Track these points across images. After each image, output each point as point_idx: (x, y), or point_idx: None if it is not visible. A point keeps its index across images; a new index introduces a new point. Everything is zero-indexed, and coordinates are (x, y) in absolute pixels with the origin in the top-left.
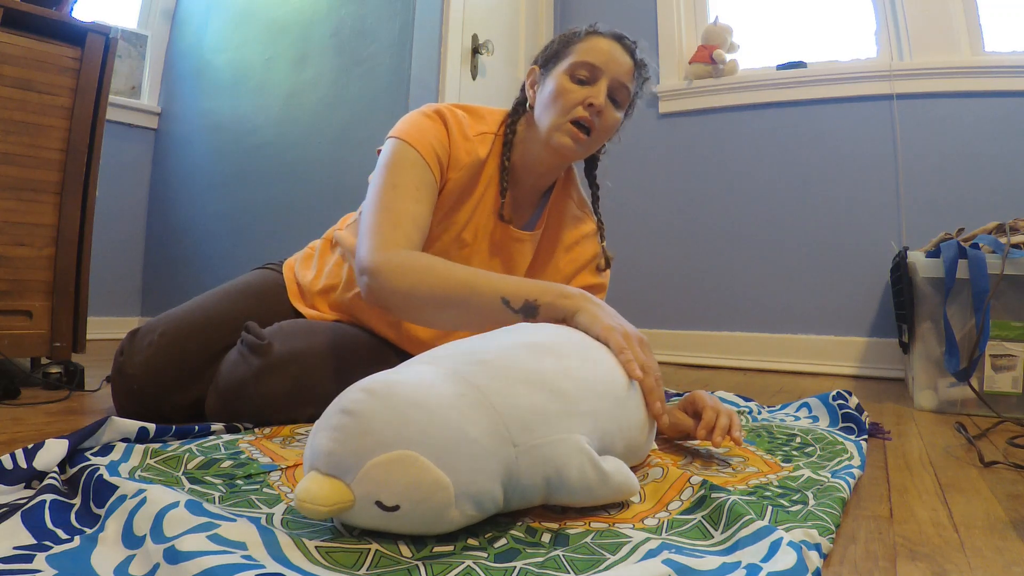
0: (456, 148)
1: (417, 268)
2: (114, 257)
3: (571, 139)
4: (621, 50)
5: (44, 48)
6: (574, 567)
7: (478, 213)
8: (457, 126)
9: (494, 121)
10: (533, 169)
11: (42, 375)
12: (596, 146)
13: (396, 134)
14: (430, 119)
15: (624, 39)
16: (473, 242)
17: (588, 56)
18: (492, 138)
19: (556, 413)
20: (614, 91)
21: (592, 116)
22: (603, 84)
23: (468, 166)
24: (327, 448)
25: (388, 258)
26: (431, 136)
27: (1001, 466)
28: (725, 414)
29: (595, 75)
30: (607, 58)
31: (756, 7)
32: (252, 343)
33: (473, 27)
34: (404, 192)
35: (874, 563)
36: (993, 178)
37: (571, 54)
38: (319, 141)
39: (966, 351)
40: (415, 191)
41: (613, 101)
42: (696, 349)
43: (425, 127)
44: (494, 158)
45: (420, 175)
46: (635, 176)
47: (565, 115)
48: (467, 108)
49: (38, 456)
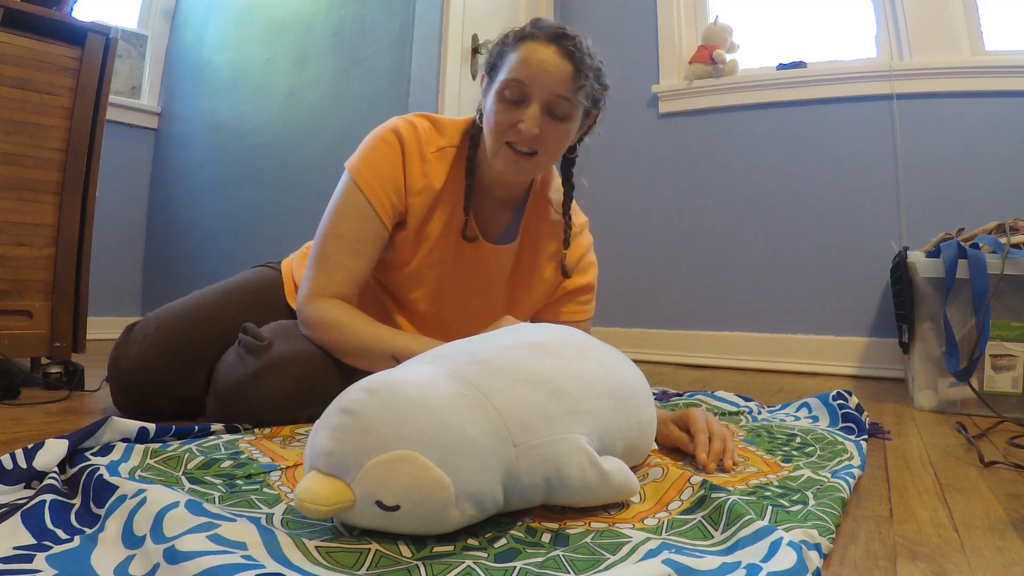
0: (412, 174)
1: (327, 323)
2: (114, 257)
3: (511, 163)
4: (556, 56)
5: (44, 48)
6: (574, 567)
7: (447, 231)
8: (415, 146)
9: (456, 131)
10: (498, 182)
11: (42, 375)
12: (549, 161)
13: (352, 170)
14: (388, 145)
15: (561, 39)
16: (444, 260)
17: (517, 72)
18: (453, 152)
19: (556, 413)
20: (551, 106)
21: (524, 142)
22: (534, 105)
23: (424, 190)
24: (327, 448)
25: (311, 311)
26: (384, 174)
27: (1001, 466)
28: (719, 438)
29: (524, 94)
30: (535, 73)
31: (756, 7)
32: (250, 344)
33: (473, 27)
34: (345, 244)
35: (874, 563)
36: (993, 178)
37: (503, 67)
38: (319, 141)
39: (966, 351)
40: (356, 243)
41: (553, 116)
42: (696, 349)
43: (380, 160)
44: (456, 174)
45: (364, 226)
46: (635, 176)
47: (499, 140)
48: (432, 119)
49: (38, 456)
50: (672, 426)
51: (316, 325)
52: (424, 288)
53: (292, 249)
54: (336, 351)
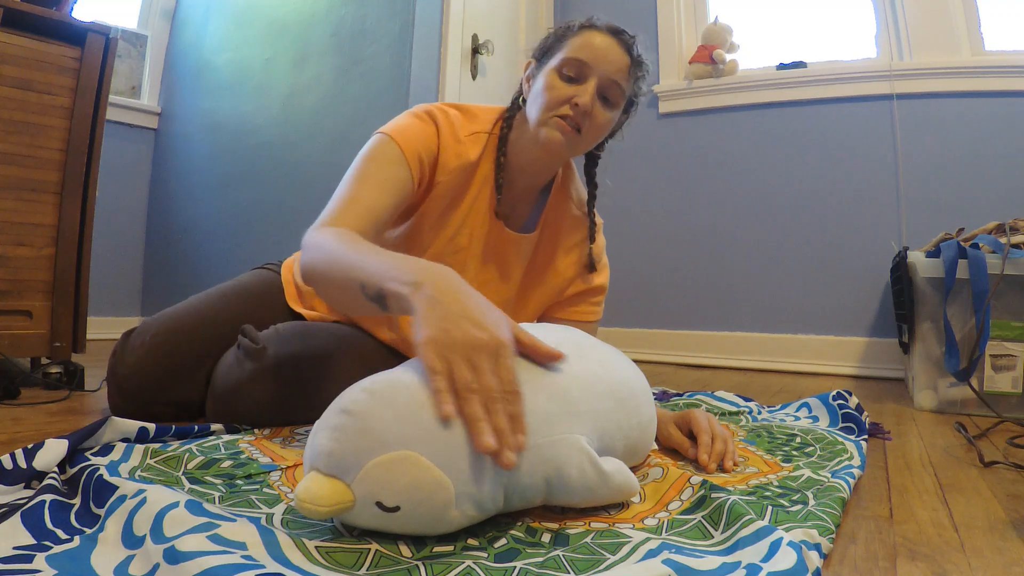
0: (445, 151)
1: (316, 244)
2: (114, 257)
3: (559, 132)
4: (616, 46)
5: (44, 48)
6: (574, 567)
7: (472, 216)
8: (448, 128)
9: (487, 120)
10: (527, 167)
11: (42, 375)
12: (588, 145)
13: (382, 130)
14: (420, 120)
15: (621, 34)
16: (468, 246)
17: (578, 52)
18: (486, 137)
19: (556, 413)
20: (604, 89)
21: (578, 116)
22: (592, 83)
23: (458, 169)
24: (327, 448)
25: (309, 237)
26: (418, 137)
27: (1001, 466)
28: (721, 439)
29: (583, 73)
30: (598, 55)
31: (756, 7)
32: (247, 347)
33: (473, 27)
34: (370, 182)
35: (874, 563)
36: (993, 178)
37: (563, 49)
38: (319, 141)
39: (966, 351)
40: (382, 182)
41: (604, 99)
42: (696, 349)
43: (413, 128)
44: (487, 158)
45: (394, 171)
46: (635, 176)
47: (550, 112)
48: (460, 107)
49: (38, 456)
50: (673, 428)
51: (314, 246)
52: None
53: (293, 249)
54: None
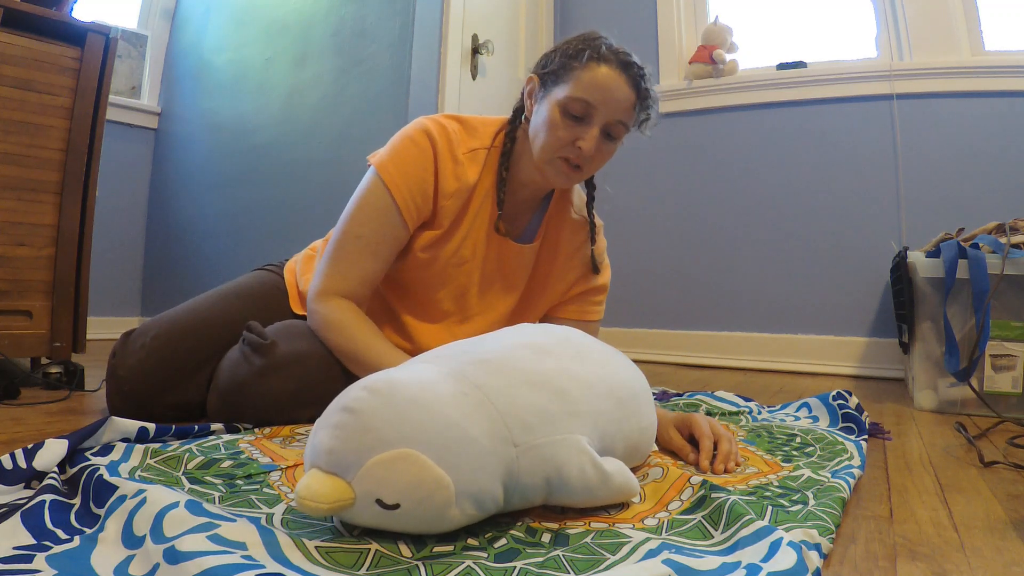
0: (444, 176)
1: (332, 323)
2: (114, 257)
3: (561, 175)
4: (624, 83)
5: (44, 48)
6: (574, 567)
7: (475, 228)
8: (446, 148)
9: (487, 133)
10: (530, 183)
11: (42, 375)
12: (588, 175)
13: (379, 167)
14: (417, 146)
15: (631, 67)
16: (471, 258)
17: (585, 92)
18: (485, 153)
19: (557, 413)
20: (609, 127)
21: (580, 158)
22: (596, 127)
23: (457, 191)
24: (328, 446)
25: (319, 308)
26: (412, 173)
27: (1001, 466)
28: (726, 439)
29: (589, 114)
30: (605, 96)
31: (756, 7)
32: (255, 343)
33: (473, 27)
34: (364, 245)
35: (874, 563)
36: (993, 178)
37: (569, 81)
38: (319, 141)
39: (966, 351)
40: (375, 246)
41: (607, 135)
42: (696, 349)
43: (408, 160)
44: (488, 173)
45: (386, 228)
46: (635, 176)
47: (554, 152)
48: (461, 120)
49: (38, 456)
50: (673, 431)
51: (321, 324)
52: (449, 288)
53: (293, 249)
54: (334, 352)
